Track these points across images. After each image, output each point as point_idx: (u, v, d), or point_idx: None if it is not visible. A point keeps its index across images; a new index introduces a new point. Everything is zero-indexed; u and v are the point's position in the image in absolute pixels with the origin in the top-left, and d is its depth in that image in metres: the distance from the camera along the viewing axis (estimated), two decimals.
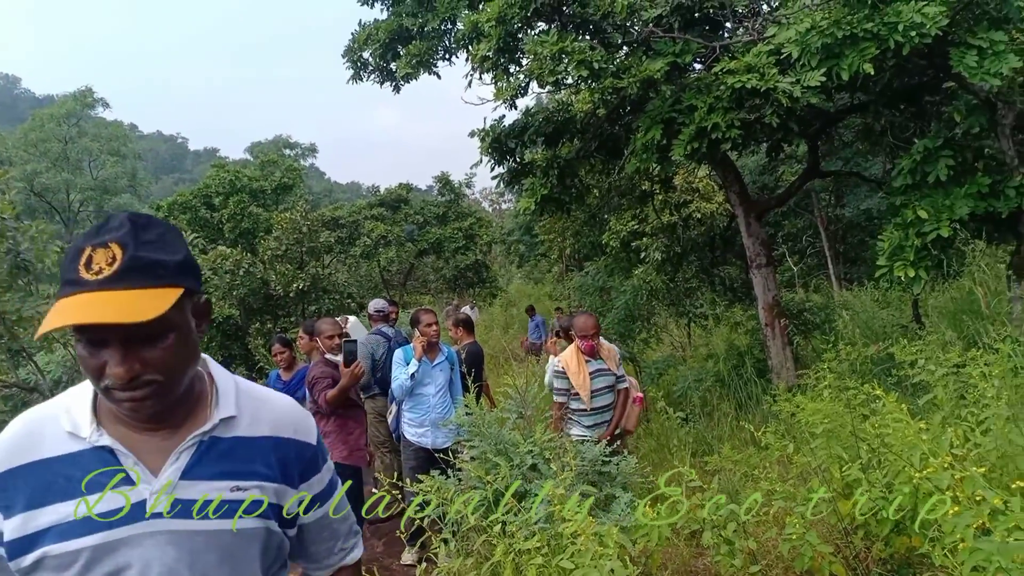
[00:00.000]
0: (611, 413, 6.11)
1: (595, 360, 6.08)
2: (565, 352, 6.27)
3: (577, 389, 5.98)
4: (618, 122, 9.48)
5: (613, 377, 6.14)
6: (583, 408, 5.99)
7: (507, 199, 46.84)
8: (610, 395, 6.11)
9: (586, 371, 6.00)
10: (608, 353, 6.21)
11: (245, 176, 27.77)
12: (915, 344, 5.26)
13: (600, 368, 6.08)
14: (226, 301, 17.57)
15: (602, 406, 6.06)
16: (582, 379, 5.98)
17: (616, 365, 6.22)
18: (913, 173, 6.83)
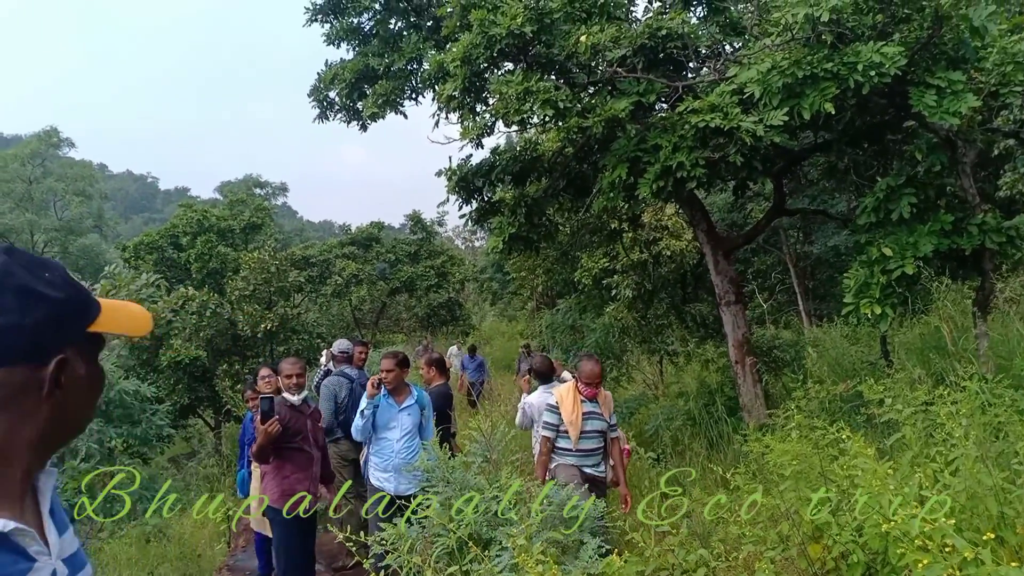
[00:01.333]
0: (596, 459, 6.10)
1: (590, 402, 6.07)
2: (563, 387, 6.28)
3: (567, 426, 5.96)
4: (585, 160, 9.51)
5: (605, 423, 6.12)
6: (568, 448, 5.98)
7: (480, 237, 46.91)
8: (598, 440, 6.08)
9: (580, 410, 5.98)
10: (604, 399, 6.22)
11: (213, 215, 27.60)
12: (883, 382, 5.24)
13: (594, 411, 6.06)
14: (192, 342, 17.31)
15: (588, 449, 6.02)
16: (575, 417, 5.95)
17: (610, 413, 6.22)
18: (877, 211, 6.87)
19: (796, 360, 10.09)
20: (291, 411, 5.61)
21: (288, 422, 5.52)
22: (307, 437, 5.69)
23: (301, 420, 5.68)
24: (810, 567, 3.63)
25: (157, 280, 6.90)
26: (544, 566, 3.19)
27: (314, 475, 5.71)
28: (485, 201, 10.11)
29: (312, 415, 5.88)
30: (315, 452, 5.74)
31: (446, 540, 4.08)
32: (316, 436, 5.83)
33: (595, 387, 6.04)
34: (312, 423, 5.82)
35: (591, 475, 6.02)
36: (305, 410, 5.78)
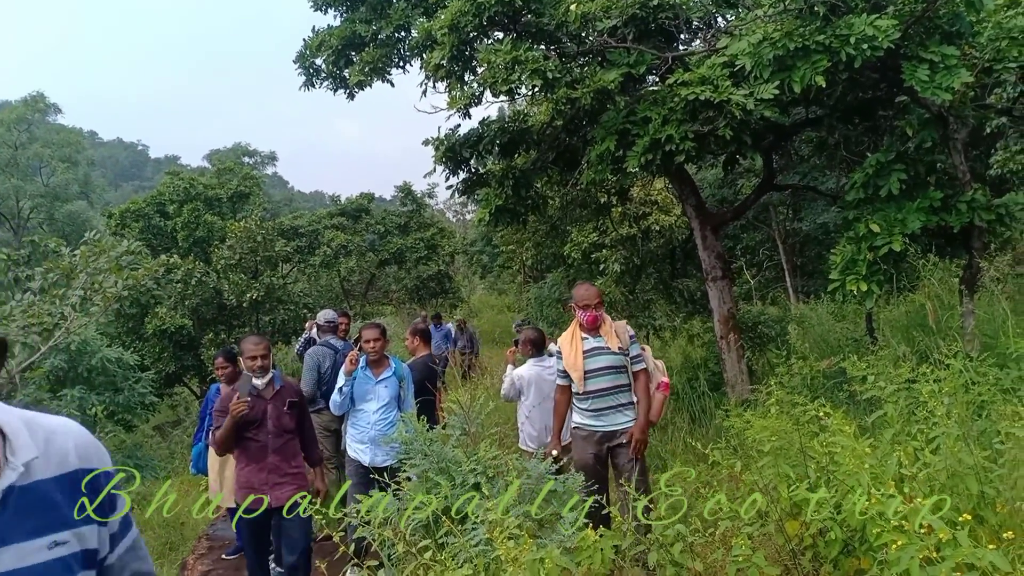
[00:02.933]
0: (616, 398, 5.43)
1: (593, 337, 5.47)
2: (564, 333, 5.71)
3: (567, 368, 5.45)
4: (574, 133, 9.40)
5: (617, 357, 5.42)
6: (578, 394, 5.46)
7: (470, 210, 46.73)
8: (614, 377, 5.42)
9: (580, 348, 5.43)
10: (610, 329, 5.51)
11: (200, 184, 27.33)
12: (867, 359, 5.20)
13: (598, 346, 5.43)
14: (178, 311, 17.23)
15: (600, 389, 5.39)
16: (573, 358, 5.43)
17: (623, 343, 5.47)
18: (866, 187, 6.82)
19: (781, 336, 10.08)
20: (252, 397, 5.19)
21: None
22: (263, 425, 5.21)
23: (259, 407, 5.22)
24: (787, 543, 3.61)
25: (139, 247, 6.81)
26: (518, 541, 3.14)
27: (270, 466, 5.21)
28: (473, 172, 10.01)
29: (276, 398, 5.32)
30: (271, 441, 5.22)
31: (421, 513, 4.03)
32: (280, 421, 5.28)
33: (593, 308, 5.42)
34: (275, 408, 5.28)
35: (614, 431, 5.42)
36: (267, 394, 5.29)
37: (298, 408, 5.43)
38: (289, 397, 5.36)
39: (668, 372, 6.09)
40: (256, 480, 5.19)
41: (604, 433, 5.42)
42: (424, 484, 4.44)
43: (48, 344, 6.05)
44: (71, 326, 6.11)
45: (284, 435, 5.29)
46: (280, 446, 5.26)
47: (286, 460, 5.29)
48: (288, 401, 5.32)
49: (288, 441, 5.33)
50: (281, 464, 5.24)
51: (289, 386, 5.50)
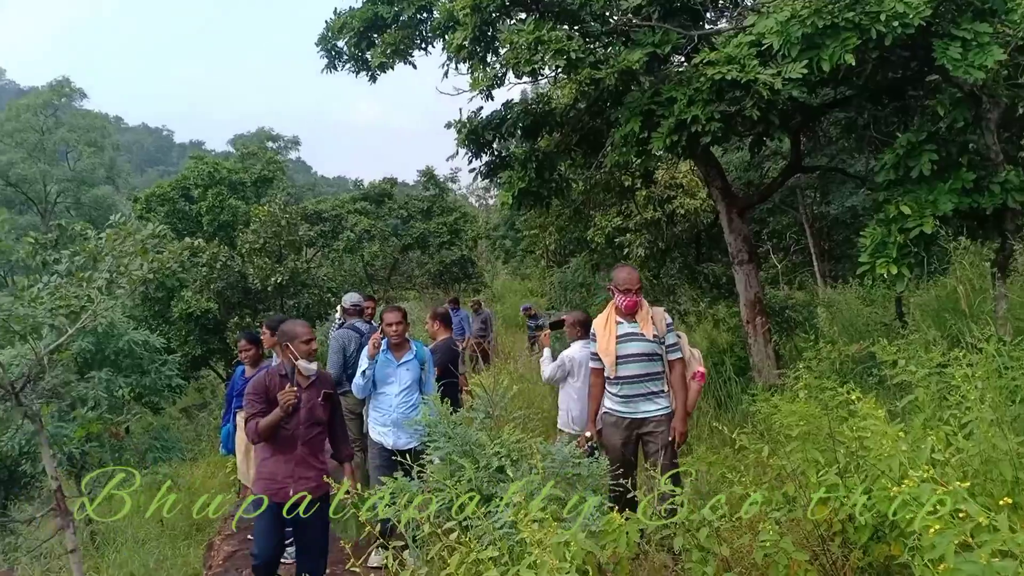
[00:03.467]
0: (647, 386, 5.34)
1: (628, 322, 5.37)
2: (600, 315, 5.63)
3: (600, 353, 5.40)
4: (598, 115, 9.29)
5: (651, 344, 5.33)
6: (609, 378, 5.40)
7: (493, 194, 46.62)
8: (646, 364, 5.33)
9: (613, 333, 5.35)
10: (646, 316, 5.40)
11: (225, 168, 27.47)
12: (897, 343, 5.12)
13: (632, 332, 5.33)
14: (203, 294, 17.34)
15: (631, 376, 5.31)
16: (606, 342, 5.35)
17: (659, 331, 5.38)
18: (896, 168, 6.68)
19: (808, 321, 9.96)
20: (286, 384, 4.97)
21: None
22: (296, 414, 4.94)
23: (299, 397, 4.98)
24: (816, 529, 3.55)
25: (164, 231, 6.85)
26: (543, 523, 3.11)
27: (298, 458, 4.95)
28: (495, 155, 9.94)
29: (312, 388, 5.09)
30: (302, 431, 4.96)
31: (446, 495, 4.02)
32: (313, 412, 5.05)
33: (634, 293, 5.30)
34: (310, 398, 5.04)
35: (643, 418, 5.36)
36: (303, 382, 5.06)
37: (331, 400, 5.21)
38: (324, 388, 5.14)
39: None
40: (281, 472, 4.94)
41: (632, 420, 5.37)
42: (448, 467, 4.42)
43: (75, 326, 6.09)
44: (98, 309, 6.14)
45: (315, 427, 5.07)
46: (310, 438, 5.04)
47: (313, 454, 5.05)
48: (323, 392, 5.11)
49: (318, 434, 5.12)
50: (308, 457, 5.00)
51: (325, 376, 5.31)
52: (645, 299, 5.52)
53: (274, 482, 4.94)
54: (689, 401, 5.46)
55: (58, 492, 5.14)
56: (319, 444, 5.16)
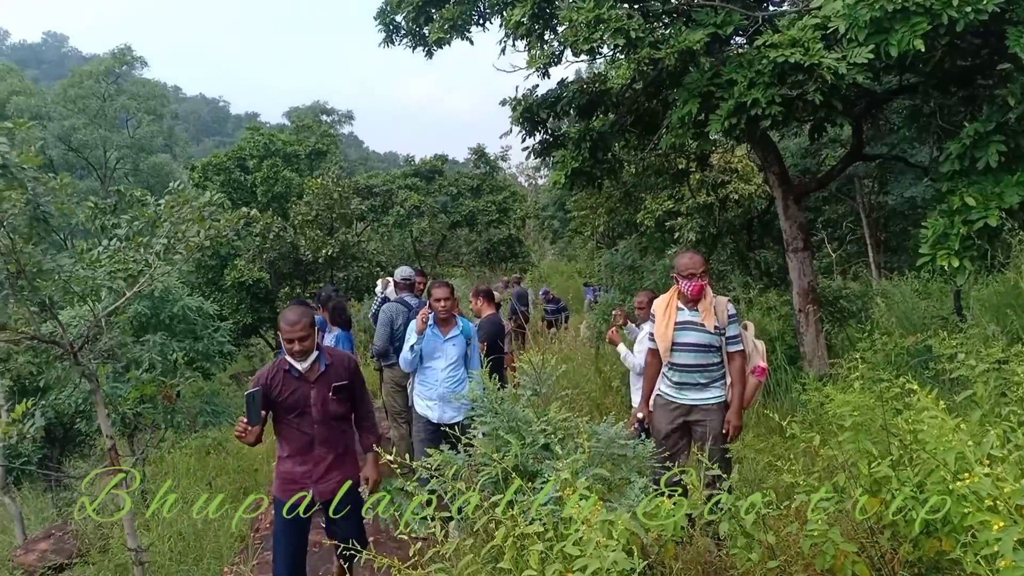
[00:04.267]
0: (701, 376, 5.19)
1: (689, 310, 5.19)
2: (662, 295, 5.47)
3: (656, 337, 5.25)
4: (655, 96, 9.19)
5: (710, 336, 5.14)
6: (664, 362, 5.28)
7: (543, 174, 46.49)
8: (703, 355, 5.15)
9: (672, 318, 5.19)
10: (709, 306, 5.19)
11: (280, 140, 27.79)
12: (955, 337, 5.00)
13: (692, 321, 5.16)
14: (255, 264, 17.62)
15: (685, 365, 5.17)
16: (664, 327, 5.19)
17: (721, 322, 5.17)
18: (962, 158, 6.50)
19: (863, 311, 9.78)
20: (292, 380, 4.48)
21: (282, 395, 4.45)
22: (306, 413, 4.48)
23: (303, 391, 4.48)
24: (866, 521, 3.50)
25: (221, 199, 6.94)
26: (588, 501, 3.11)
27: (316, 458, 4.52)
28: (549, 134, 9.90)
29: (320, 382, 4.52)
30: (317, 431, 4.48)
31: (491, 470, 4.04)
32: (326, 409, 4.53)
33: (698, 279, 5.09)
34: (319, 393, 4.51)
35: (692, 405, 5.22)
36: (310, 377, 4.49)
37: (347, 390, 4.63)
38: (335, 380, 4.56)
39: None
40: (299, 472, 4.51)
41: (682, 405, 5.26)
42: (494, 442, 4.44)
43: (133, 290, 6.22)
44: (155, 273, 6.26)
45: (332, 423, 4.59)
46: (327, 436, 4.57)
47: (334, 449, 4.59)
48: (333, 385, 4.54)
49: (337, 428, 4.64)
50: (327, 454, 4.55)
51: (337, 365, 4.63)
52: (710, 289, 5.30)
53: (293, 483, 4.51)
54: (746, 396, 5.27)
55: (112, 450, 5.26)
56: (342, 438, 4.68)
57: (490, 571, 3.52)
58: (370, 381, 11.13)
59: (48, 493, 10.08)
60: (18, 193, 5.40)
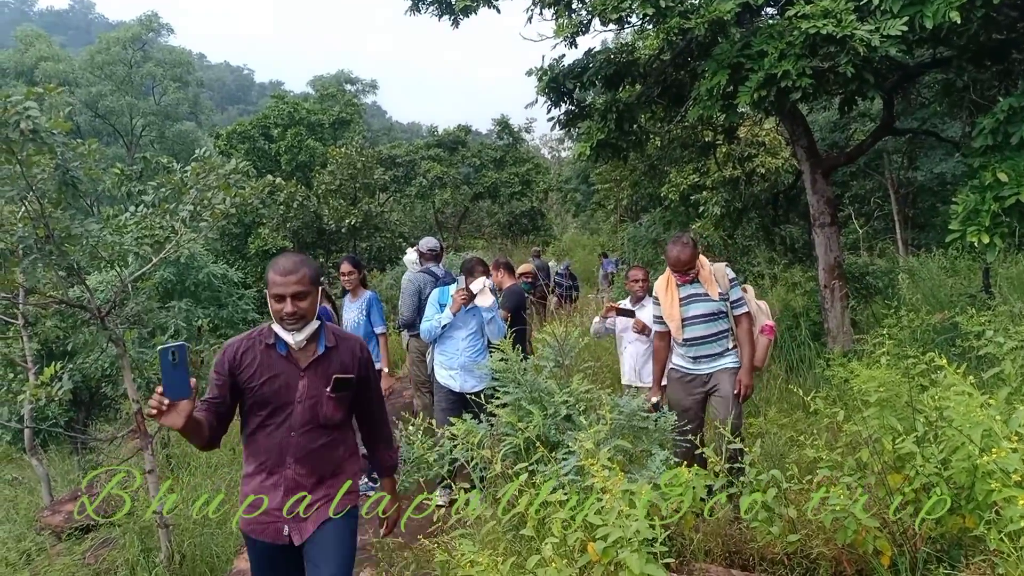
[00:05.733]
0: (716, 346, 5.21)
1: (690, 284, 5.22)
2: (660, 277, 5.46)
3: (664, 318, 5.28)
4: (683, 67, 9.08)
5: (716, 303, 5.19)
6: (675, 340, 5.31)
7: (566, 147, 46.24)
8: (712, 323, 5.20)
9: (675, 296, 5.22)
10: (709, 276, 5.22)
11: (304, 108, 27.80)
12: (983, 314, 4.95)
13: (695, 293, 5.20)
14: (279, 232, 17.71)
15: (698, 337, 5.19)
16: (669, 306, 5.23)
17: (723, 287, 5.22)
18: (995, 133, 6.38)
19: (889, 288, 9.70)
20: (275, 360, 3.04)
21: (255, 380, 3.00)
22: (288, 412, 3.03)
23: (287, 378, 3.03)
24: (888, 497, 3.49)
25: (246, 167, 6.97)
26: (610, 471, 3.13)
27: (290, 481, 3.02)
28: (575, 105, 9.81)
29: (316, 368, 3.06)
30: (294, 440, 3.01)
31: (514, 439, 4.07)
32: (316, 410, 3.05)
33: (683, 276, 5.16)
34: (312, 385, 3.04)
35: (710, 373, 5.23)
36: (302, 359, 3.06)
37: (352, 387, 3.14)
38: (337, 370, 3.09)
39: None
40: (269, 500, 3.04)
41: (699, 376, 5.29)
42: (516, 412, 4.46)
43: (159, 256, 6.27)
44: (181, 240, 6.31)
45: (321, 431, 3.08)
46: (310, 451, 3.05)
47: (317, 471, 3.07)
48: (333, 378, 3.07)
49: (330, 441, 3.11)
50: (306, 480, 3.05)
51: (343, 350, 3.15)
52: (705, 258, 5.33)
53: (261, 516, 3.05)
54: (758, 356, 5.33)
55: (138, 414, 5.32)
56: (332, 457, 3.13)
57: (512, 539, 3.56)
58: (396, 352, 11.20)
59: (74, 456, 10.25)
60: (47, 158, 5.44)
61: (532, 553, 3.09)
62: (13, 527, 5.86)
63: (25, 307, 6.50)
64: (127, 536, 5.39)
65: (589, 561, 2.89)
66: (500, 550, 3.46)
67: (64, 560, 5.52)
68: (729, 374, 5.19)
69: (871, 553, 3.29)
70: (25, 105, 5.07)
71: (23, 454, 8.20)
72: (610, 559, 2.79)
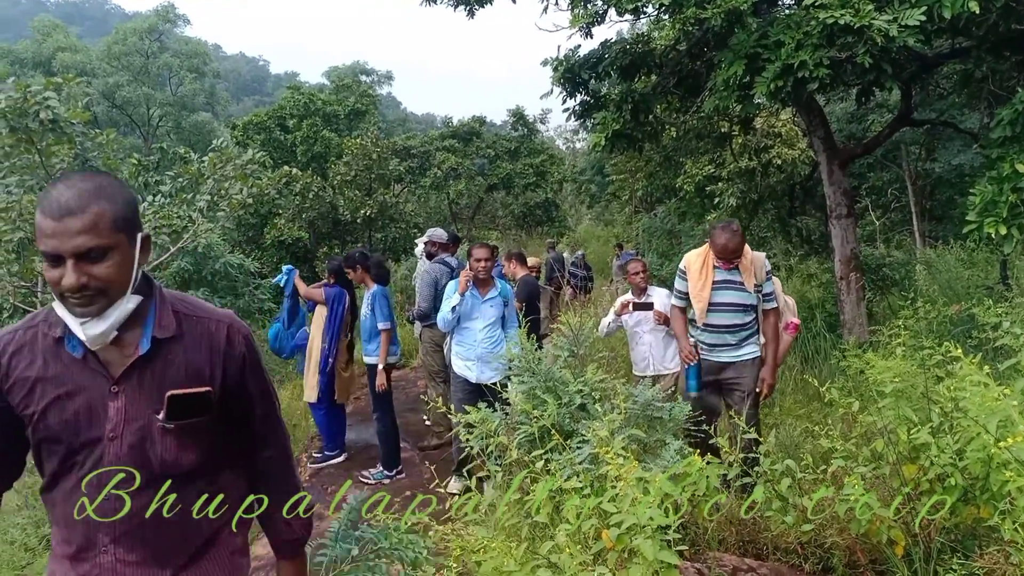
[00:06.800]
0: (735, 336, 5.03)
1: (727, 269, 4.97)
2: (694, 252, 5.22)
3: (692, 296, 5.04)
4: (699, 58, 9.05)
5: (749, 295, 4.97)
6: (694, 322, 5.10)
7: (581, 138, 46.10)
8: (740, 315, 5.00)
9: (710, 277, 4.97)
10: (749, 265, 4.97)
11: (320, 99, 27.85)
12: (1000, 306, 4.93)
13: (730, 280, 4.96)
14: (295, 223, 17.77)
15: (721, 325, 5.00)
16: (700, 286, 4.99)
17: (759, 279, 5.00)
18: (1013, 124, 6.34)
19: (906, 280, 9.66)
20: (65, 366, 1.74)
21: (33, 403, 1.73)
22: (100, 445, 1.72)
23: (88, 397, 1.73)
24: (903, 487, 3.49)
25: (262, 157, 7.01)
26: (625, 459, 3.15)
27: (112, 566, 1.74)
28: (590, 95, 9.80)
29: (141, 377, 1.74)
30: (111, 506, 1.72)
31: (528, 428, 4.09)
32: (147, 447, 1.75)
33: (729, 263, 4.93)
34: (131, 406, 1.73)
35: (726, 362, 5.08)
36: (113, 363, 1.74)
37: (206, 408, 1.81)
38: (175, 382, 1.78)
39: None
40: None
41: (715, 363, 5.13)
42: (531, 401, 4.48)
43: (177, 245, 6.32)
44: (199, 229, 6.35)
45: (158, 487, 1.79)
46: (141, 523, 1.78)
47: (159, 559, 1.80)
48: (168, 396, 1.74)
49: (181, 502, 1.83)
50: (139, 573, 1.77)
51: (193, 341, 1.83)
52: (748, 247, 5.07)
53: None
54: (779, 352, 5.17)
55: None
56: (183, 532, 1.85)
57: (525, 525, 3.58)
58: (408, 342, 11.20)
59: None
60: (67, 148, 5.49)
61: (546, 540, 3.12)
62: (32, 513, 5.92)
63: (44, 296, 6.58)
64: None
65: (603, 548, 2.91)
66: (513, 536, 3.49)
67: None
68: (749, 367, 5.04)
69: (885, 543, 3.29)
70: (45, 95, 5.12)
71: None
72: (624, 546, 2.81)
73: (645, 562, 2.65)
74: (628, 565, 2.75)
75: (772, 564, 3.64)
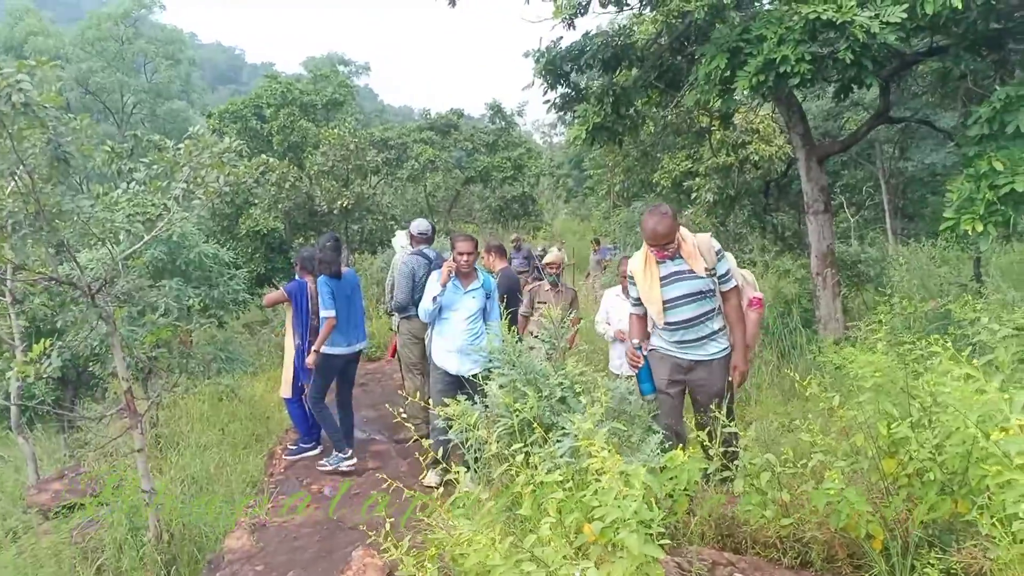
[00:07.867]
0: (704, 328, 4.66)
1: (672, 261, 4.62)
2: (635, 255, 4.88)
3: (643, 301, 4.73)
4: (680, 52, 9.05)
5: (703, 281, 4.59)
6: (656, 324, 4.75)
7: (559, 132, 46.13)
8: (699, 304, 4.61)
9: (656, 275, 4.63)
10: (692, 250, 4.61)
11: (297, 89, 27.61)
12: (976, 302, 4.97)
13: (679, 271, 4.61)
14: (271, 213, 17.61)
15: (684, 320, 4.62)
16: (648, 287, 4.65)
17: (709, 262, 4.60)
18: (991, 122, 6.40)
19: (881, 275, 9.74)
20: None
21: None
22: None
23: None
24: (882, 481, 3.51)
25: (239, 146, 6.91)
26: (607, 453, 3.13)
27: None
28: (571, 88, 9.77)
29: None
30: None
31: (508, 421, 4.06)
32: None
33: (661, 251, 4.56)
34: None
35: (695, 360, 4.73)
36: None
37: None
38: None
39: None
40: None
41: (683, 363, 4.77)
42: (511, 394, 4.45)
43: (151, 234, 6.22)
44: (173, 218, 6.25)
45: None
46: None
47: None
48: None
49: None
50: None
51: None
52: (686, 230, 4.73)
53: None
54: (749, 334, 4.84)
55: (128, 393, 5.28)
56: None
57: (507, 519, 3.56)
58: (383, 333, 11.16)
59: (61, 435, 10.19)
60: (39, 133, 5.37)
61: (529, 533, 3.09)
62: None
63: (13, 284, 6.45)
64: (114, 515, 5.36)
65: (585, 541, 2.89)
66: (497, 530, 3.47)
67: (51, 539, 5.49)
68: (717, 366, 4.74)
69: (863, 537, 3.30)
70: (17, 78, 5.00)
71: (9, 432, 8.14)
72: (607, 539, 2.79)
73: (630, 556, 2.63)
74: (611, 559, 2.73)
75: (751, 558, 3.64)
